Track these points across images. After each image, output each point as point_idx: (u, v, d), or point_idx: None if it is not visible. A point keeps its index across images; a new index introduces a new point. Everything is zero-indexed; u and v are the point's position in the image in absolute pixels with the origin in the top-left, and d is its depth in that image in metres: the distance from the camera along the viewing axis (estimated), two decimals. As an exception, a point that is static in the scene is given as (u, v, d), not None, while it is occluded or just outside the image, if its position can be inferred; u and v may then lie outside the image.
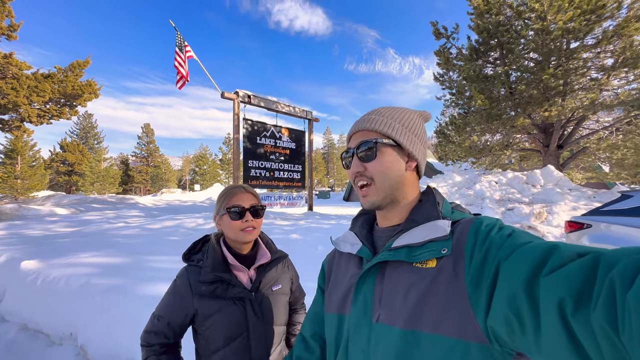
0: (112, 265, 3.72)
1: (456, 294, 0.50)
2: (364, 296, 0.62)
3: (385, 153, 0.64)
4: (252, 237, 1.10)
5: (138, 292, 2.87)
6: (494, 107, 9.56)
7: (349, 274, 0.70)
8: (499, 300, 0.44)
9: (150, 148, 47.53)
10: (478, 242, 0.51)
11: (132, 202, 16.45)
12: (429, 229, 0.58)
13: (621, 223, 3.39)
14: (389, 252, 0.59)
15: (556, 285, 0.37)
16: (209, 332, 1.02)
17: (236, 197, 1.09)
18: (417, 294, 0.54)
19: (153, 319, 1.05)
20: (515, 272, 0.42)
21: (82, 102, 14.31)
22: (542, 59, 9.07)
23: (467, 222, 0.57)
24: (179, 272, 1.09)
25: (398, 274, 0.59)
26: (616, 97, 8.71)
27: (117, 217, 9.12)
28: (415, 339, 0.52)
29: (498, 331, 0.45)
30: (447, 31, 10.57)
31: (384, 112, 0.68)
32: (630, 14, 8.05)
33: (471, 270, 0.49)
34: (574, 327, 0.34)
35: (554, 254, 0.40)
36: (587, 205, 7.56)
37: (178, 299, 1.03)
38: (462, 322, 0.49)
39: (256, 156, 8.99)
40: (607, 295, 0.32)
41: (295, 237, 5.39)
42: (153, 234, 5.70)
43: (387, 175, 0.64)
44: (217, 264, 1.05)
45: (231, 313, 1.03)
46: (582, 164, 13.03)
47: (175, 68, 8.62)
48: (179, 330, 1.04)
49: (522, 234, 0.50)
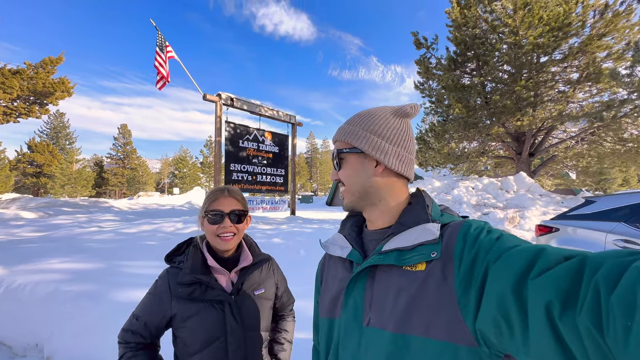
0: (84, 271, 3.55)
1: (445, 298, 0.50)
2: (354, 300, 0.62)
3: (349, 161, 0.68)
4: (228, 245, 1.07)
5: (112, 299, 2.75)
6: (471, 115, 9.97)
7: (339, 277, 0.69)
8: (488, 303, 0.44)
9: (127, 150, 45.82)
10: (467, 245, 0.51)
11: (107, 205, 15.73)
12: (419, 233, 0.58)
13: (585, 227, 3.60)
14: (379, 256, 0.59)
15: (544, 288, 0.37)
16: (186, 335, 1.00)
17: (217, 201, 1.07)
18: (406, 297, 0.54)
19: (132, 318, 1.04)
20: (504, 275, 0.43)
21: (54, 101, 13.65)
22: (514, 71, 9.59)
23: (456, 225, 0.57)
24: (160, 273, 1.08)
25: (388, 278, 0.59)
26: (581, 109, 9.33)
27: (89, 221, 8.69)
28: (405, 342, 0.52)
29: (487, 334, 0.45)
30: (427, 41, 10.96)
31: (354, 120, 0.69)
32: (592, 33, 8.69)
33: (460, 274, 0.50)
34: (561, 329, 0.35)
35: (541, 257, 0.41)
36: (556, 210, 7.99)
37: (157, 300, 1.02)
38: (451, 325, 0.49)
39: (238, 159, 8.88)
40: (592, 298, 0.33)
41: (277, 241, 5.35)
42: (128, 239, 5.48)
43: (353, 180, 0.67)
44: (196, 265, 1.03)
45: (209, 316, 1.01)
46: (551, 171, 13.79)
47: (156, 68, 8.41)
48: (155, 332, 1.03)
49: (510, 237, 0.50)
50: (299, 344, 2.70)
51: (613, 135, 9.87)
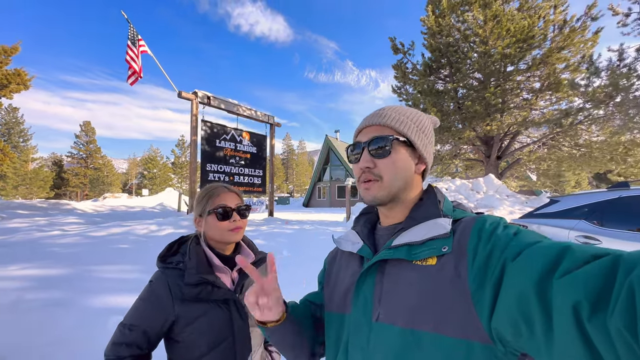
0: (50, 277, 3.28)
1: (458, 293, 0.49)
2: (364, 295, 0.61)
3: (398, 151, 0.63)
4: (239, 237, 1.07)
5: (86, 306, 2.57)
6: (445, 120, 10.42)
7: (350, 272, 0.69)
8: (506, 302, 0.43)
9: (90, 148, 42.89)
10: (482, 240, 0.50)
11: (69, 207, 14.64)
12: (430, 227, 0.57)
13: (550, 224, 3.86)
14: (389, 251, 0.59)
15: (571, 288, 0.35)
16: (191, 339, 0.95)
17: (220, 197, 1.05)
18: (417, 292, 0.53)
19: (123, 329, 0.94)
20: (525, 274, 0.41)
21: (8, 94, 12.52)
22: (484, 79, 10.16)
23: (470, 220, 0.56)
24: (154, 275, 1.01)
25: (398, 272, 0.58)
26: (543, 116, 10.07)
27: (50, 224, 8.05)
28: (416, 338, 0.51)
29: (503, 333, 0.44)
30: (404, 47, 11.32)
31: (399, 110, 0.67)
32: (553, 46, 9.42)
33: (474, 269, 0.48)
34: (589, 331, 0.33)
35: (567, 256, 0.39)
36: (521, 209, 8.54)
37: (155, 305, 0.95)
38: (464, 321, 0.48)
39: (215, 160, 8.65)
40: (626, 300, 0.31)
41: (259, 242, 5.27)
42: (97, 242, 5.14)
43: (397, 175, 0.63)
44: (201, 265, 0.99)
45: (216, 316, 0.98)
46: (516, 173, 14.75)
47: (127, 62, 7.99)
48: (155, 339, 0.96)
49: (528, 233, 0.49)
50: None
51: (570, 141, 10.73)
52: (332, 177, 31.26)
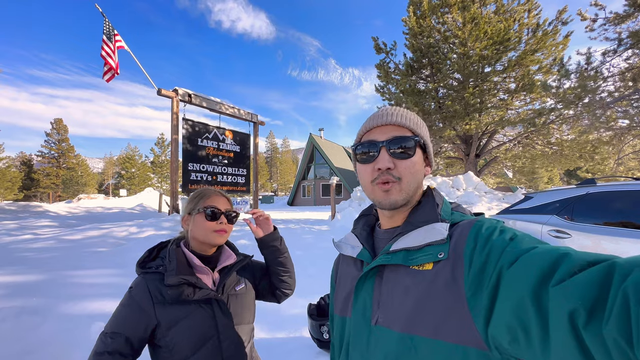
0: (23, 284, 3.13)
1: (454, 299, 0.49)
2: (363, 299, 0.62)
3: (418, 154, 0.63)
4: (223, 239, 1.09)
5: (66, 312, 2.47)
6: (426, 119, 10.67)
7: (351, 276, 0.69)
8: (502, 309, 0.42)
9: (62, 147, 40.88)
10: (478, 246, 0.50)
11: (40, 210, 13.91)
12: (427, 233, 0.57)
13: (525, 220, 4.04)
14: (387, 256, 0.59)
15: (567, 295, 0.35)
16: (174, 342, 0.95)
17: (212, 199, 1.08)
18: (413, 297, 0.53)
19: (104, 338, 0.92)
20: (521, 281, 0.41)
21: (-30, 89, 11.72)
22: (463, 79, 10.47)
23: (467, 224, 0.56)
24: (133, 281, 1.00)
25: (396, 277, 0.58)
26: (518, 116, 10.51)
27: (20, 227, 7.65)
28: (413, 343, 0.51)
29: (499, 339, 0.43)
30: (386, 47, 11.48)
31: (407, 112, 0.65)
32: (527, 48, 9.84)
33: (470, 275, 0.48)
34: (586, 339, 0.33)
35: (563, 262, 0.39)
36: (498, 205, 8.90)
37: (136, 311, 0.94)
38: (460, 327, 0.48)
39: (197, 159, 8.47)
40: (620, 308, 0.31)
41: (244, 242, 5.23)
42: (73, 246, 4.94)
43: (414, 178, 0.62)
44: (182, 266, 1.00)
45: (199, 317, 0.99)
46: (494, 171, 15.34)
47: (103, 58, 7.67)
48: (138, 345, 0.95)
49: (525, 237, 0.48)
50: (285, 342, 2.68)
51: (542, 139, 11.27)
52: (317, 175, 31.33)
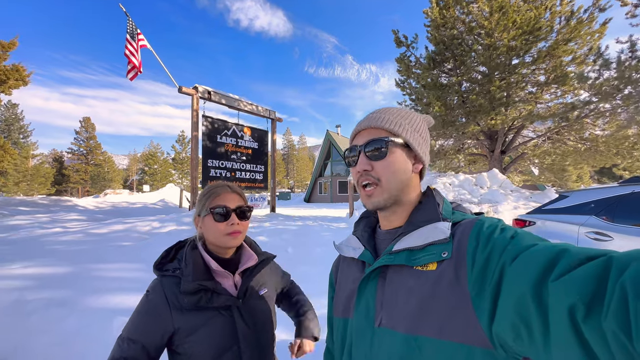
0: (52, 276, 3.22)
1: (458, 298, 0.49)
2: (366, 300, 0.62)
3: (394, 153, 0.64)
4: (237, 241, 1.00)
5: (89, 306, 2.51)
6: (448, 114, 10.28)
7: (352, 278, 0.69)
8: (505, 306, 0.43)
9: (90, 145, 42.85)
10: (480, 245, 0.50)
11: (70, 204, 14.62)
12: (429, 232, 0.57)
13: (560, 220, 3.79)
14: (390, 256, 0.59)
15: (566, 290, 0.36)
16: (193, 351, 0.88)
17: (220, 197, 0.98)
18: (417, 298, 0.53)
19: (121, 343, 0.87)
20: (522, 277, 0.41)
21: (6, 90, 12.41)
22: (489, 72, 9.99)
23: (469, 223, 0.56)
24: (150, 284, 0.94)
25: (399, 278, 0.58)
26: (548, 110, 9.92)
27: (52, 221, 8.01)
28: (418, 344, 0.51)
29: (504, 337, 0.43)
30: (407, 40, 11.13)
31: (393, 112, 0.67)
32: (559, 38, 9.23)
33: (474, 274, 0.49)
34: (585, 333, 0.33)
35: (562, 258, 0.39)
36: (526, 204, 8.46)
37: (153, 317, 0.88)
38: (465, 326, 0.48)
39: (216, 155, 8.56)
40: (618, 301, 0.31)
41: (262, 239, 5.21)
42: (100, 240, 5.09)
43: (395, 176, 0.63)
44: (198, 271, 0.92)
45: (218, 325, 0.91)
46: (520, 168, 14.62)
47: (126, 57, 7.86)
48: (155, 354, 0.88)
49: (525, 235, 0.49)
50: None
51: (575, 135, 10.60)
52: (334, 172, 31.20)
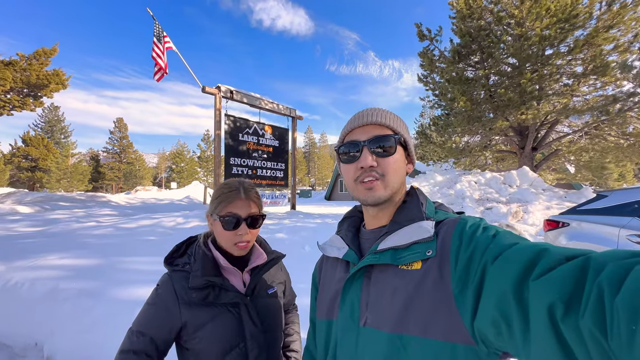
0: (84, 267, 3.43)
1: (442, 297, 0.50)
2: (350, 300, 0.62)
3: (398, 151, 0.64)
4: (243, 252, 0.99)
5: (114, 296, 2.64)
6: (475, 109, 9.85)
7: (336, 278, 0.69)
8: (487, 303, 0.44)
9: (123, 144, 45.44)
10: (463, 243, 0.51)
11: (104, 200, 15.55)
12: (414, 231, 0.57)
13: (597, 222, 3.53)
14: (375, 256, 0.59)
15: (546, 289, 0.36)
16: (200, 346, 0.89)
17: (233, 205, 0.96)
18: (402, 297, 0.54)
19: (131, 335, 0.89)
20: (503, 275, 0.42)
21: (48, 93, 13.35)
22: (519, 64, 9.44)
23: (452, 222, 0.57)
24: (160, 279, 0.95)
25: (384, 277, 0.58)
26: (586, 103, 9.23)
27: (87, 215, 8.55)
28: (403, 342, 0.52)
29: (485, 333, 0.44)
30: (430, 33, 10.76)
31: (387, 112, 0.67)
32: (599, 25, 8.54)
33: (457, 272, 0.49)
34: (563, 331, 0.34)
35: (543, 257, 0.40)
36: (559, 204, 7.95)
37: (162, 311, 0.89)
38: (448, 324, 0.48)
39: (238, 153, 8.74)
40: (595, 301, 0.32)
41: (281, 236, 5.26)
42: (128, 234, 5.36)
43: (397, 174, 0.63)
44: (207, 267, 0.93)
45: (225, 322, 0.91)
46: (553, 166, 13.75)
47: (153, 59, 8.19)
48: (163, 347, 0.90)
49: (506, 234, 0.50)
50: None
51: (617, 129, 9.80)
52: (354, 170, 30.97)
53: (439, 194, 9.98)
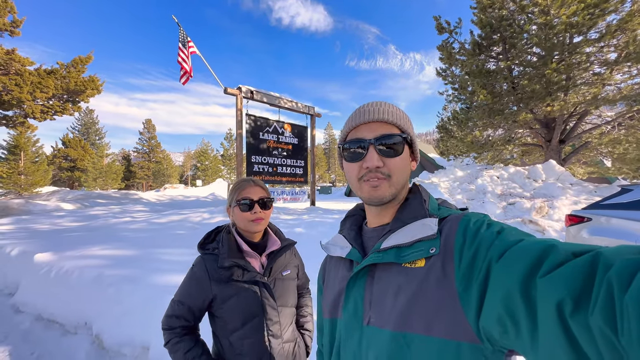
0: (123, 257, 3.82)
1: (446, 294, 0.49)
2: (354, 299, 0.62)
3: (405, 150, 0.63)
4: (260, 227, 1.19)
5: (150, 283, 2.97)
6: (496, 102, 9.56)
7: (339, 277, 0.69)
8: (492, 301, 0.43)
9: (151, 144, 47.53)
10: (467, 240, 0.50)
11: (136, 197, 16.56)
12: (417, 229, 0.57)
13: (621, 216, 3.42)
14: (378, 254, 0.59)
15: (554, 286, 0.36)
16: (227, 315, 1.11)
17: (245, 190, 1.18)
18: (406, 295, 0.53)
19: (173, 304, 1.13)
20: (509, 273, 0.41)
21: (85, 98, 14.34)
22: (544, 54, 9.03)
23: (455, 219, 0.56)
24: (195, 260, 1.18)
25: (388, 276, 0.58)
26: (619, 92, 8.69)
27: (122, 212, 9.22)
28: (407, 341, 0.52)
29: (490, 331, 0.44)
30: (449, 25, 10.52)
31: (392, 107, 0.64)
32: (634, 8, 7.99)
33: (461, 270, 0.49)
34: (572, 328, 0.34)
35: (550, 254, 0.39)
36: (588, 199, 7.60)
37: (196, 285, 1.12)
38: (453, 322, 0.48)
39: (259, 151, 9.04)
40: (605, 297, 0.32)
41: (299, 230, 5.48)
42: (160, 228, 5.80)
43: (403, 173, 0.63)
44: (232, 250, 1.14)
45: (247, 296, 1.12)
46: (584, 159, 13.03)
47: (179, 64, 8.64)
48: (199, 314, 1.13)
49: (511, 230, 0.49)
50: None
51: (654, 119, 9.17)
52: (374, 166, 30.57)
53: (459, 189, 9.82)
